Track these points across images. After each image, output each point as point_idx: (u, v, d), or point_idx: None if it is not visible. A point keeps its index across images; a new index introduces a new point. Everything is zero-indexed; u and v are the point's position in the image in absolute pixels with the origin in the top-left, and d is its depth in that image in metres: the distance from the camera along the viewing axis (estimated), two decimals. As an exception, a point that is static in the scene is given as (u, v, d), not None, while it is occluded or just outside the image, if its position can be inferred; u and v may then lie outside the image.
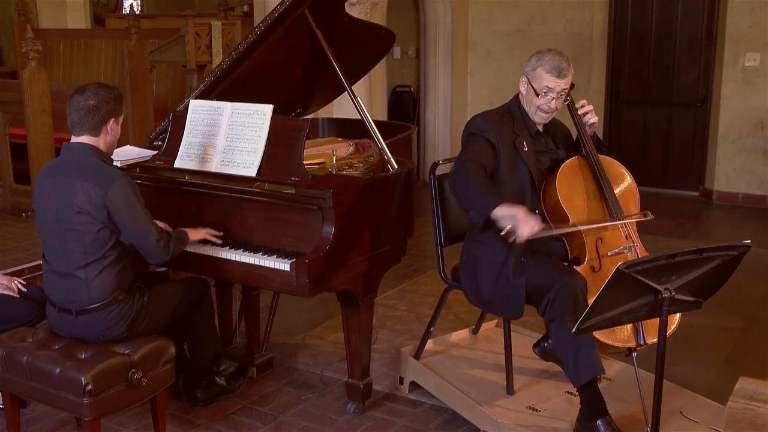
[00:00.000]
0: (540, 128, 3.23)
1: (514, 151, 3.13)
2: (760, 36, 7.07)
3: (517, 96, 3.24)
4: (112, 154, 3.04)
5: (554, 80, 3.08)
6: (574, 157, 3.21)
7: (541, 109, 3.13)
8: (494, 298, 3.14)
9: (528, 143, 3.17)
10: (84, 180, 2.82)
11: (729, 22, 7.17)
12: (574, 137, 3.36)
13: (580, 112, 3.24)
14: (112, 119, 2.92)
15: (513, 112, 3.21)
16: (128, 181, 2.89)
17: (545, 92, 3.10)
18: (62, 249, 2.89)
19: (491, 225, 2.93)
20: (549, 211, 3.15)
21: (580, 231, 3.05)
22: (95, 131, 2.90)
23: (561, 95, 3.12)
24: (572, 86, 3.18)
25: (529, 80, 3.14)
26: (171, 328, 3.22)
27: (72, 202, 2.82)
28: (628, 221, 3.14)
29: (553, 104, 3.12)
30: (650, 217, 3.16)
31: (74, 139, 2.93)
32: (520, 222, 2.79)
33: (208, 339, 3.43)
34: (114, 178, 2.84)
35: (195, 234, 3.17)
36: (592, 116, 3.25)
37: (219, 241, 3.21)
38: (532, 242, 3.04)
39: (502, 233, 2.84)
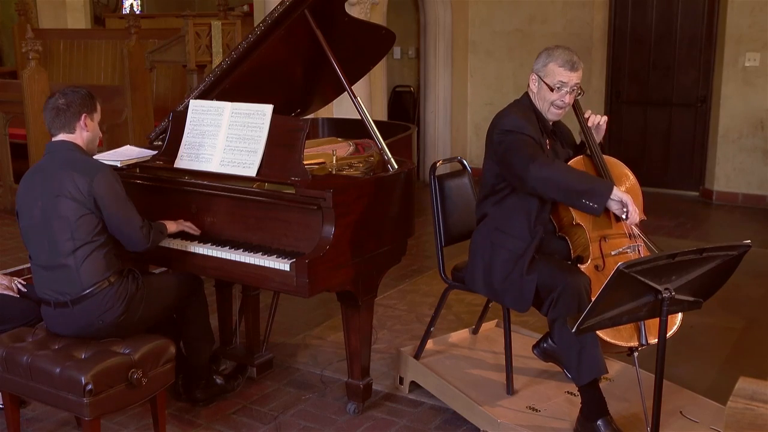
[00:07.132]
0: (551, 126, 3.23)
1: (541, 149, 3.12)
2: (760, 36, 7.07)
3: (527, 94, 3.22)
4: (93, 152, 3.14)
5: (567, 74, 3.07)
6: (578, 156, 3.20)
7: (554, 105, 3.12)
8: (505, 288, 3.13)
9: (549, 142, 3.19)
10: (70, 170, 2.92)
11: (729, 22, 7.17)
12: (578, 141, 3.35)
13: (589, 123, 3.23)
14: (84, 115, 3.02)
15: (534, 110, 3.18)
16: (111, 171, 3.02)
17: (559, 87, 3.09)
18: (50, 241, 2.93)
19: (521, 216, 3.02)
20: (554, 209, 3.14)
21: (583, 229, 3.05)
22: (69, 128, 3.01)
23: (574, 89, 3.12)
24: (581, 92, 3.18)
25: (540, 77, 3.12)
26: (167, 327, 3.23)
27: (58, 190, 2.90)
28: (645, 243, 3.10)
29: (567, 99, 3.12)
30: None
31: (54, 140, 3.04)
32: (631, 205, 2.90)
33: (203, 338, 3.43)
34: (98, 168, 2.97)
35: (173, 226, 3.27)
36: (597, 118, 3.25)
37: (197, 232, 3.31)
38: (542, 239, 3.06)
39: (624, 215, 2.92)
